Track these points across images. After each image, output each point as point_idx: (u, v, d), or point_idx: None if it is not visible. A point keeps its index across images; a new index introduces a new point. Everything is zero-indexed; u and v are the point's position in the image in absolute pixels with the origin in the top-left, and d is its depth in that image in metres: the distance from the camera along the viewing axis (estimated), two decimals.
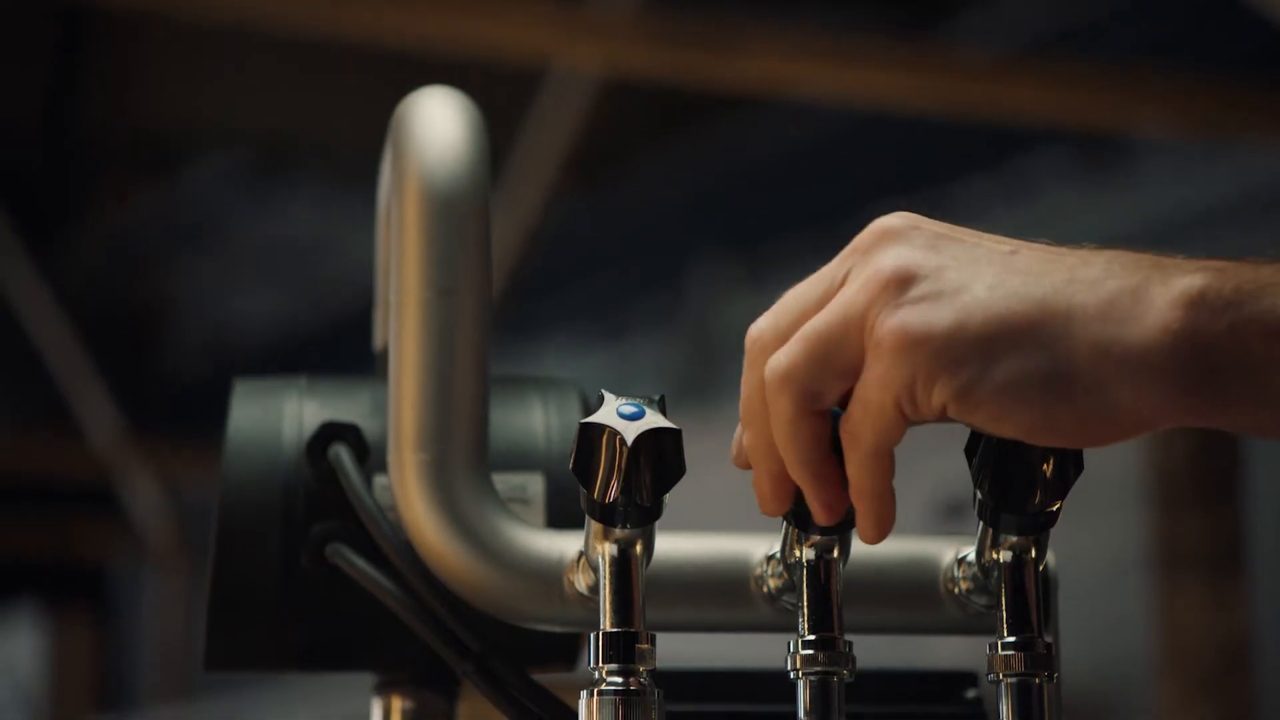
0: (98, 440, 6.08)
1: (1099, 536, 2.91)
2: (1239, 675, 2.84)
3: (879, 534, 0.88)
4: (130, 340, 6.54)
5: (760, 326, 0.90)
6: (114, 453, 6.09)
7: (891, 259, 0.86)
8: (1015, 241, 0.88)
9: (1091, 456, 0.90)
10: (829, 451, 0.88)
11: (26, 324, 5.90)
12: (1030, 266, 0.85)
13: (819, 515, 0.89)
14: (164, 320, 6.64)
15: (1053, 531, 0.93)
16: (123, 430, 6.07)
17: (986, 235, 0.88)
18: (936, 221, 0.88)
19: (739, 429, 0.91)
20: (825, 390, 0.87)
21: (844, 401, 0.88)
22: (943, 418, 0.86)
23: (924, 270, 0.85)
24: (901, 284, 0.85)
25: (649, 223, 5.66)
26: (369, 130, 1.21)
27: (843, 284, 0.87)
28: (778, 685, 0.99)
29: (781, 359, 0.87)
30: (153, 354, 6.63)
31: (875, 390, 0.85)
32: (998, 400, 0.84)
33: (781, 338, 0.88)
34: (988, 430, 0.86)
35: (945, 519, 0.94)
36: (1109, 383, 0.83)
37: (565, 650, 1.09)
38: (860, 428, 0.86)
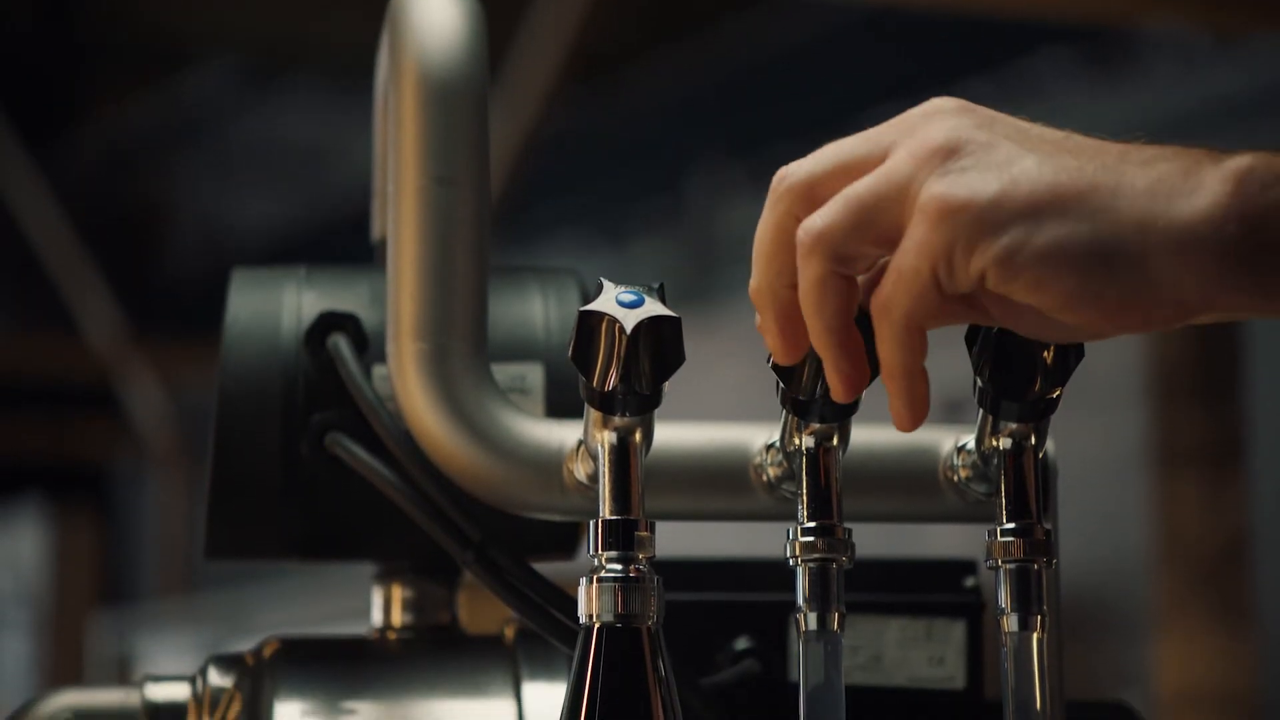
0: (98, 341, 6.09)
1: (1098, 433, 2.92)
2: (1237, 570, 2.85)
3: (913, 416, 0.86)
4: (130, 241, 6.53)
5: (793, 170, 0.88)
6: (114, 353, 6.10)
7: (942, 130, 0.84)
8: (1067, 130, 0.87)
9: (1091, 353, 0.90)
10: (853, 320, 0.86)
11: (26, 225, 5.90)
12: (1082, 148, 0.84)
13: (838, 389, 0.87)
14: (164, 221, 6.63)
15: (1051, 429, 0.93)
16: (123, 331, 6.08)
17: (1037, 124, 0.88)
18: (982, 114, 0.87)
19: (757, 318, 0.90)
20: (859, 255, 0.85)
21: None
22: (971, 296, 0.85)
23: (974, 143, 0.84)
24: (950, 153, 0.84)
25: (649, 126, 5.64)
26: (368, 32, 1.20)
27: (888, 152, 0.86)
28: (777, 574, 0.99)
29: (819, 220, 0.85)
30: (152, 255, 6.62)
31: (913, 256, 0.83)
32: (1038, 267, 0.82)
33: (813, 186, 0.86)
34: (1024, 299, 0.84)
35: (944, 417, 0.94)
36: (1153, 257, 0.82)
37: (565, 540, 1.10)
38: (893, 297, 0.84)
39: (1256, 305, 0.84)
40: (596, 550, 0.88)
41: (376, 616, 1.12)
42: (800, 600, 0.90)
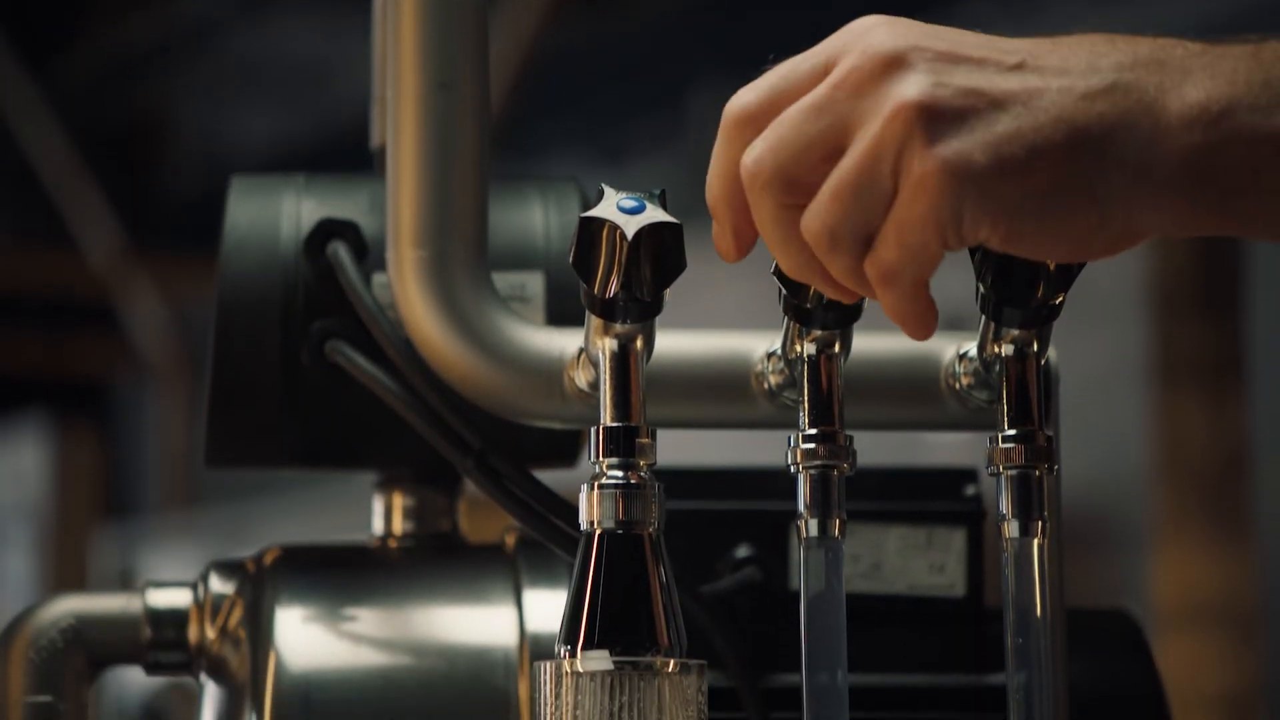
0: (98, 257, 6.08)
1: (1099, 348, 2.92)
2: (1236, 483, 2.85)
3: (927, 332, 0.86)
4: (129, 157, 6.51)
5: (745, 108, 0.86)
6: (114, 269, 6.09)
7: (909, 92, 0.82)
8: (1010, 44, 0.86)
9: (1092, 268, 0.90)
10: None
11: (24, 141, 5.88)
12: (1040, 83, 0.84)
13: (838, 297, 0.87)
14: (163, 137, 6.61)
15: (1051, 344, 0.93)
16: (123, 247, 6.07)
17: (979, 41, 0.86)
18: (921, 26, 0.85)
19: (715, 225, 0.88)
20: (863, 232, 0.84)
21: None
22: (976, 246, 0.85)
23: (944, 99, 0.82)
24: (928, 118, 0.82)
25: (649, 43, 5.61)
26: None
27: (828, 68, 0.84)
28: (777, 482, 0.99)
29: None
30: (152, 171, 6.61)
31: (917, 231, 0.82)
32: (1040, 221, 0.82)
33: (755, 117, 0.85)
34: (1031, 255, 0.85)
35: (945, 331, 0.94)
36: (1123, 197, 0.83)
37: (565, 448, 1.10)
38: (899, 268, 0.83)
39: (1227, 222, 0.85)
40: (597, 457, 0.88)
41: (377, 525, 1.12)
42: (801, 507, 0.90)
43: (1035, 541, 0.90)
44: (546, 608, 1.04)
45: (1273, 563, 2.86)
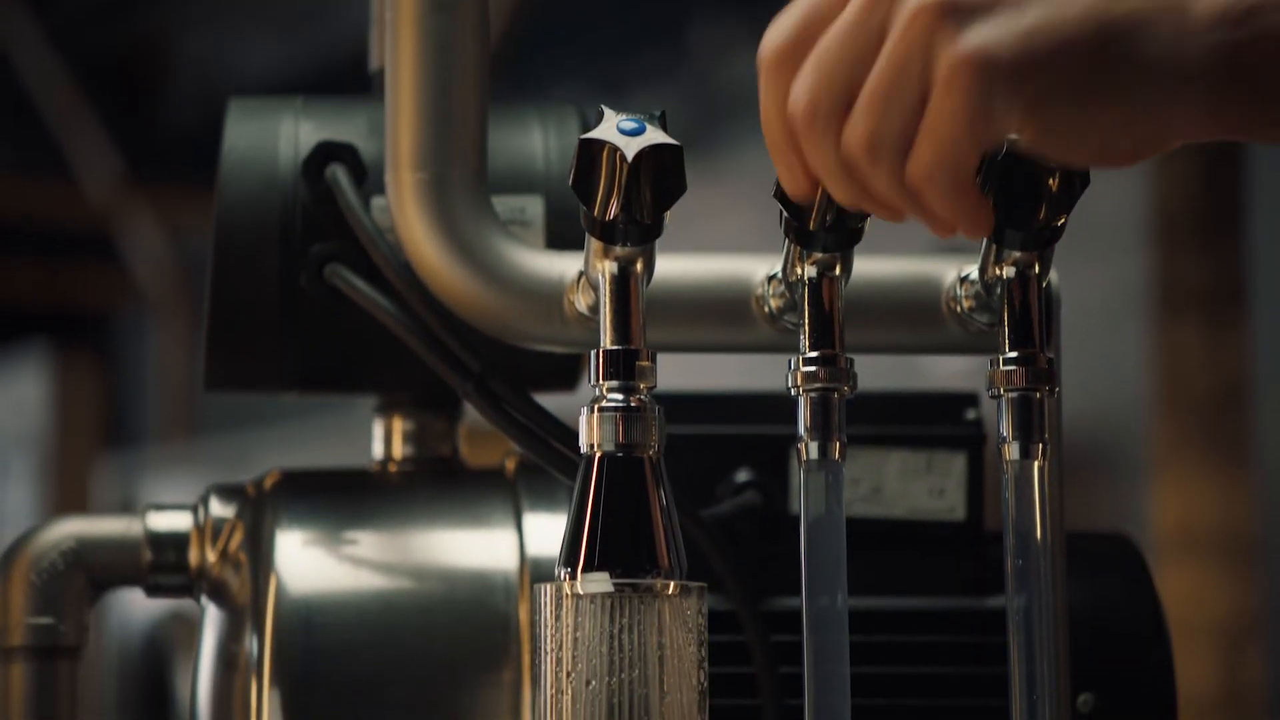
0: (96, 187, 6.07)
1: (1099, 277, 2.91)
2: (1236, 412, 2.85)
3: (985, 230, 0.86)
4: (128, 86, 6.49)
5: (780, 47, 0.85)
6: (113, 199, 6.08)
7: None
8: None
9: (1092, 197, 0.90)
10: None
11: (22, 70, 5.85)
12: None
13: (890, 218, 0.86)
14: (162, 65, 6.58)
15: (1053, 268, 0.93)
16: (122, 176, 6.05)
17: None
18: None
19: (778, 162, 0.87)
20: (902, 139, 0.83)
21: None
22: (1008, 143, 0.85)
23: None
24: (952, 13, 0.82)
25: None
26: None
27: None
28: (778, 407, 0.99)
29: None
30: (151, 100, 6.58)
31: (948, 125, 0.82)
32: (1069, 116, 0.82)
33: (791, 56, 0.84)
34: (1061, 155, 0.84)
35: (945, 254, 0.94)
36: (1150, 94, 0.83)
37: (565, 372, 1.10)
38: (936, 167, 0.83)
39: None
40: (597, 380, 0.88)
41: (377, 449, 1.12)
42: (801, 430, 0.90)
43: (1036, 464, 0.90)
44: (546, 531, 1.04)
45: (1272, 492, 2.86)
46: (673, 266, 0.98)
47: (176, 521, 1.07)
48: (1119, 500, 2.95)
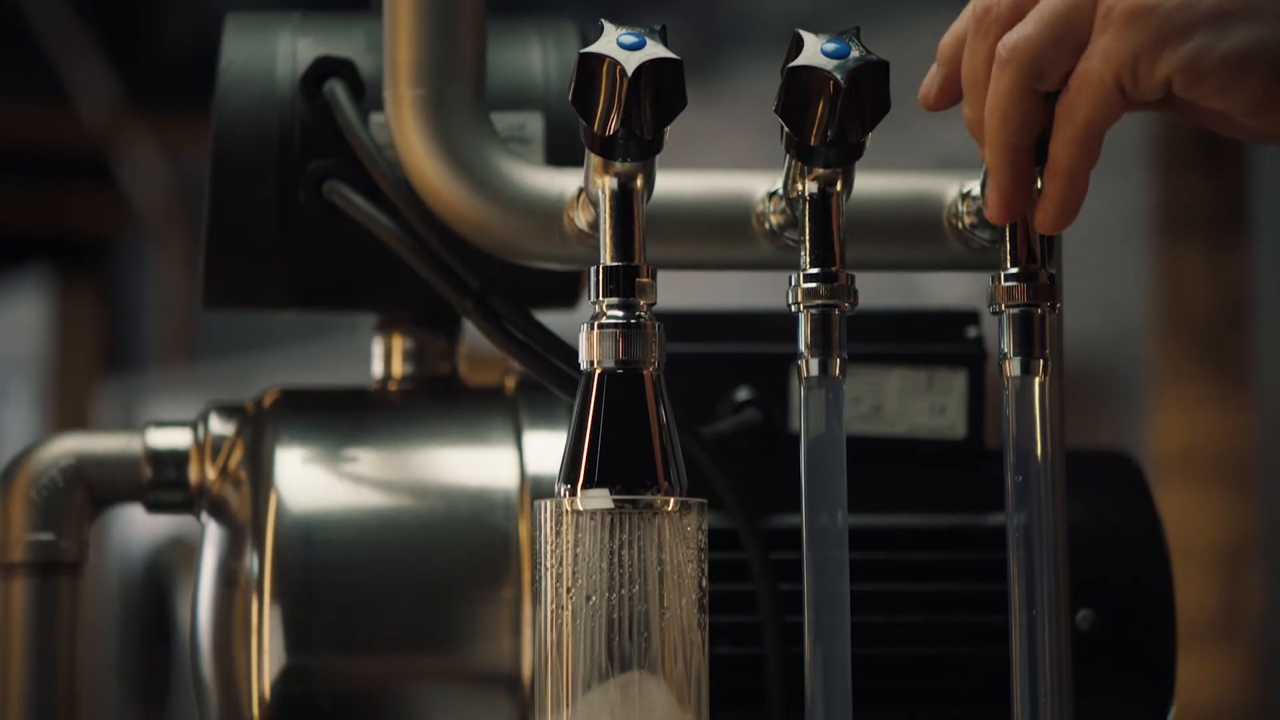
0: (95, 112, 6.04)
1: (1100, 199, 2.90)
2: (1237, 335, 2.85)
3: (1061, 219, 0.88)
4: (125, 7, 6.46)
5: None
6: (112, 124, 6.06)
7: None
8: None
9: None
10: (1032, 143, 0.87)
11: None
12: None
13: (992, 208, 0.89)
14: None
15: None
16: (120, 100, 6.03)
17: None
18: None
19: (933, 68, 0.91)
20: (1051, 68, 0.86)
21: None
22: (1160, 101, 0.86)
23: None
24: None
25: None
26: None
27: None
28: (778, 325, 0.99)
29: (1014, 34, 0.86)
30: (149, 23, 6.56)
31: (1098, 61, 0.84)
32: (1224, 72, 0.83)
33: (1017, 11, 0.87)
34: (1211, 105, 0.85)
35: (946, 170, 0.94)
36: None
37: (565, 290, 1.09)
38: (1077, 101, 0.85)
39: None
40: (597, 297, 0.88)
41: (376, 367, 1.12)
42: (802, 347, 0.90)
43: (1036, 380, 0.90)
44: (546, 449, 1.04)
45: (1272, 415, 2.86)
46: (673, 183, 0.98)
47: (176, 439, 1.07)
48: (1119, 423, 2.95)
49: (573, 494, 0.86)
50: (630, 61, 0.85)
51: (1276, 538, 2.87)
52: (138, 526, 4.31)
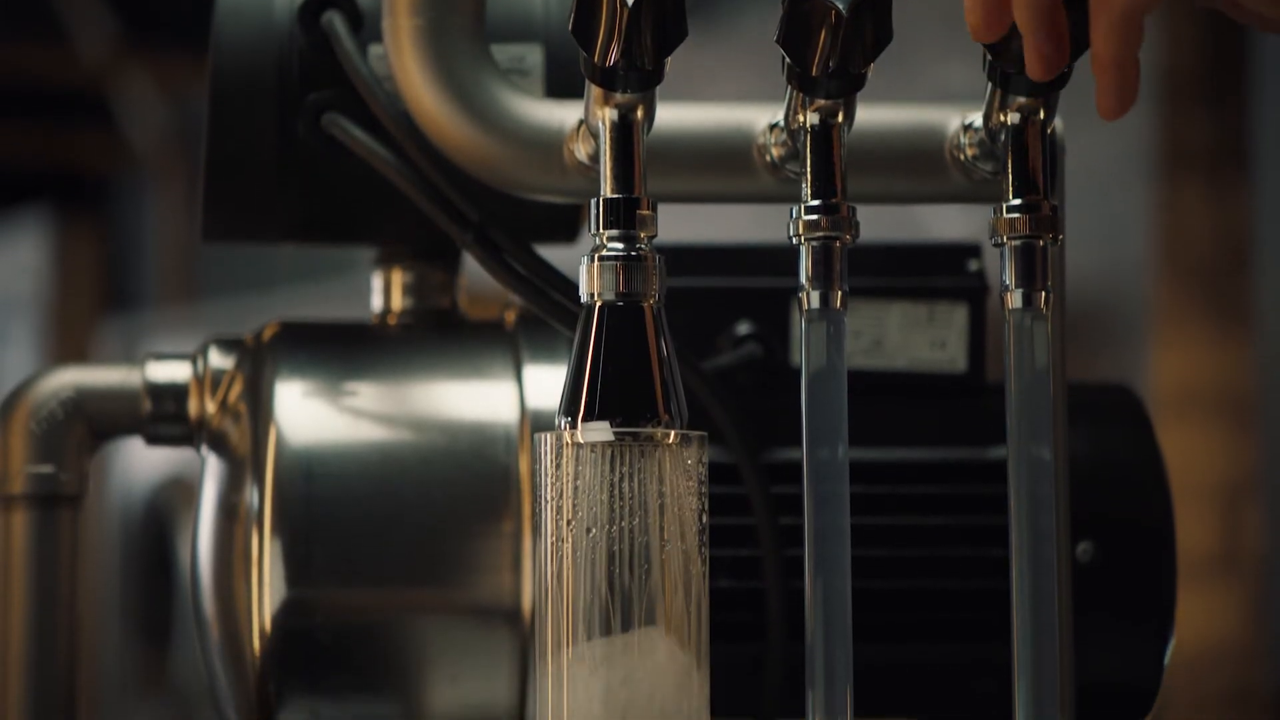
0: (92, 49, 6.03)
1: (1101, 137, 2.89)
2: (1239, 273, 2.85)
3: (1121, 106, 0.85)
4: None
5: None
6: (110, 61, 6.04)
7: None
8: None
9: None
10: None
11: None
12: None
13: (1036, 68, 0.86)
14: None
15: (1057, 115, 0.92)
16: (117, 38, 6.01)
17: None
18: None
19: None
20: None
21: None
22: None
23: None
24: None
25: None
26: None
27: None
28: (779, 259, 0.99)
29: None
30: None
31: None
32: None
33: None
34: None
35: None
36: None
37: (566, 224, 1.09)
38: None
39: None
40: (598, 229, 0.87)
41: (376, 301, 1.12)
42: (803, 279, 0.90)
43: (1038, 312, 0.90)
44: (546, 383, 1.03)
45: (1273, 354, 2.86)
46: (673, 115, 0.98)
47: (175, 372, 1.06)
48: (1119, 362, 2.95)
49: (573, 426, 0.85)
50: None
51: (1275, 475, 2.87)
52: (138, 467, 4.32)
